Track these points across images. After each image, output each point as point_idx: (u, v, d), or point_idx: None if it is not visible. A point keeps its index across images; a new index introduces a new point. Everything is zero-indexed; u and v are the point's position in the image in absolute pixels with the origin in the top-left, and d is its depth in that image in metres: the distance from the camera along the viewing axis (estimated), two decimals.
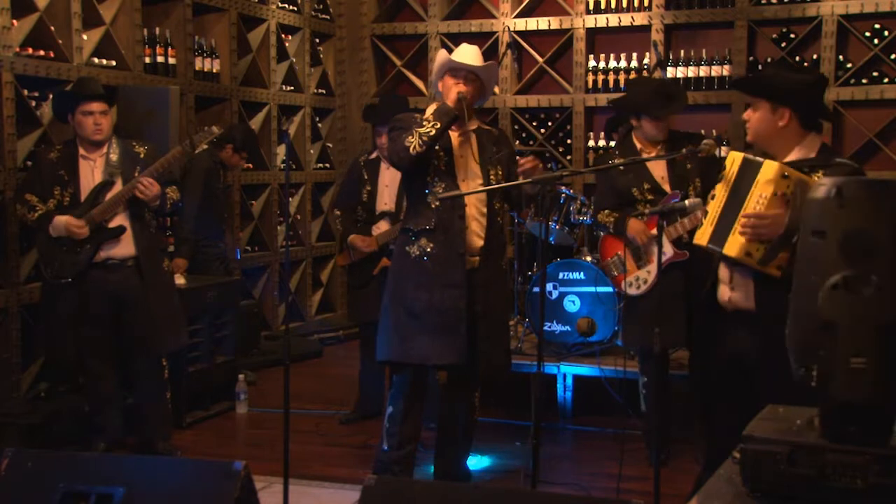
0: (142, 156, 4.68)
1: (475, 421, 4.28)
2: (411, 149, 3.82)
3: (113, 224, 4.59)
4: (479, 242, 3.98)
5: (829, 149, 3.28)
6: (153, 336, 4.68)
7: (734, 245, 3.09)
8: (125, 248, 4.61)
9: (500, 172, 4.04)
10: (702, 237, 3.27)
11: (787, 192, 3.01)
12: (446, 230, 3.91)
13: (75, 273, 4.56)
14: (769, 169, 3.04)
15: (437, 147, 3.87)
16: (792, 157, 3.17)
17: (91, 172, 4.62)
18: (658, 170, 4.56)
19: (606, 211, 4.70)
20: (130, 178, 4.57)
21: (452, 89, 3.90)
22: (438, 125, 3.82)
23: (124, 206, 4.58)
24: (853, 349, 1.88)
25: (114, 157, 4.64)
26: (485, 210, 3.99)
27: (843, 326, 1.88)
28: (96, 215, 4.55)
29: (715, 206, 3.22)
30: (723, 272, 3.27)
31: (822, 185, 1.97)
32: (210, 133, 4.72)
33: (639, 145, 4.63)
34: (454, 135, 3.99)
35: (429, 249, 3.92)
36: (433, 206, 3.91)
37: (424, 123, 3.84)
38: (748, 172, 3.13)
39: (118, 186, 4.59)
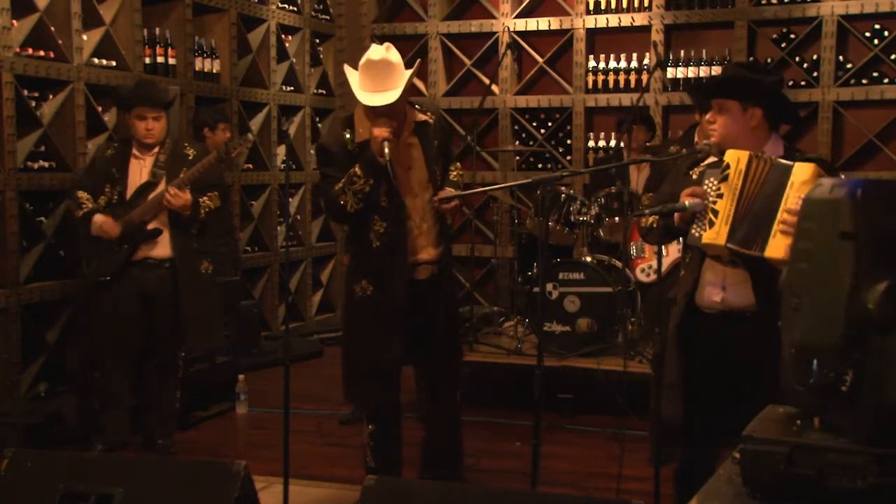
0: (190, 157, 4.70)
1: (460, 421, 4.18)
2: (348, 207, 3.66)
3: (153, 225, 4.63)
4: (433, 253, 3.86)
5: (793, 147, 3.25)
6: (179, 337, 4.73)
7: (779, 247, 2.93)
8: (162, 249, 4.66)
9: (439, 171, 3.88)
10: (716, 236, 3.06)
11: None
12: (386, 273, 3.78)
13: (112, 271, 4.61)
14: (804, 170, 2.95)
15: (381, 176, 3.63)
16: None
17: (139, 172, 4.68)
18: None
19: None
20: (175, 178, 4.58)
21: (375, 137, 3.58)
22: (371, 181, 3.64)
23: (164, 208, 4.61)
24: None
25: (162, 157, 4.68)
26: (431, 212, 3.84)
27: None
28: (135, 216, 4.59)
29: (725, 205, 3.05)
30: (713, 273, 3.20)
31: (839, 184, 1.91)
32: (246, 140, 4.76)
33: (697, 141, 4.46)
34: (394, 146, 3.67)
35: (368, 292, 3.82)
36: (373, 245, 3.76)
37: (355, 179, 3.63)
38: (772, 174, 3.01)
39: (161, 187, 4.61)
